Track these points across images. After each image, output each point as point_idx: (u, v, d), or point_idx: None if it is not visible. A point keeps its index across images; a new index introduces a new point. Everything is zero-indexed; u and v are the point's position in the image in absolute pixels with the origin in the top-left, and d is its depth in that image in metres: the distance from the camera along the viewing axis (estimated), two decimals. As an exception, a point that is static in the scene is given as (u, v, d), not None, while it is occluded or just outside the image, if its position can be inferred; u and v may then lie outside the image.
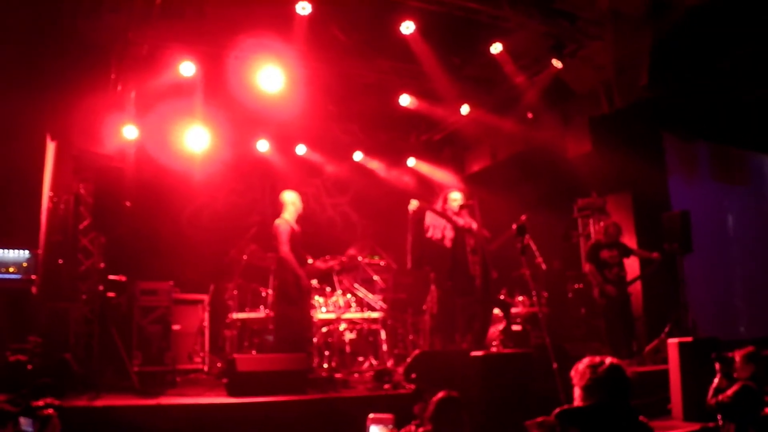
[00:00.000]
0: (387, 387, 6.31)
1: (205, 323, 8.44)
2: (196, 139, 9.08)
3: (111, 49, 7.90)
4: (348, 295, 8.57)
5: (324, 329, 8.09)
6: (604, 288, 8.05)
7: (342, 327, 8.23)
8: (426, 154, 11.99)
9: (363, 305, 8.69)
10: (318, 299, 8.24)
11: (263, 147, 10.74)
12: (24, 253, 7.20)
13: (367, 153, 11.71)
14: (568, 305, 9.33)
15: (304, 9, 7.57)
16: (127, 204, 6.93)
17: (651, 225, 8.73)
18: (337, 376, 7.00)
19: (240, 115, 9.78)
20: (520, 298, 8.74)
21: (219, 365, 8.00)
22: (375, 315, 8.63)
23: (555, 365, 5.31)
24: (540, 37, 8.46)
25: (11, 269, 7.13)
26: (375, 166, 11.85)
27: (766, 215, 11.77)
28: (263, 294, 8.55)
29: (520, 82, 9.35)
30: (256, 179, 11.27)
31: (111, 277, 7.16)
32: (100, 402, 5.33)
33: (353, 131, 11.63)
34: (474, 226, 7.22)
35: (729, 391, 4.67)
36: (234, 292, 8.57)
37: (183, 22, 8.02)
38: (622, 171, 8.93)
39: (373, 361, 8.34)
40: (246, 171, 10.99)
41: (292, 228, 7.34)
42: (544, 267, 8.14)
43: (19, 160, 7.60)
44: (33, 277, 7.15)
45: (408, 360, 6.77)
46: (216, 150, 9.52)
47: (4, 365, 5.62)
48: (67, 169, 7.64)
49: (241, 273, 8.71)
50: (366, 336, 8.62)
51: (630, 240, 8.68)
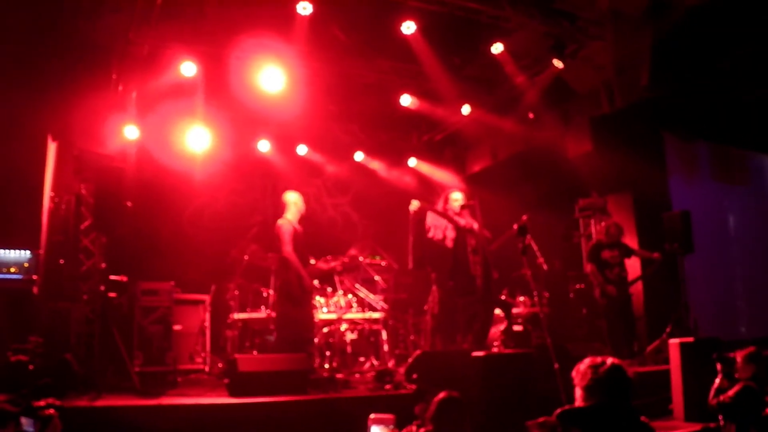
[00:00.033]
0: (388, 387, 6.31)
1: (206, 323, 8.45)
2: (197, 139, 9.10)
3: (112, 50, 7.92)
4: (349, 296, 8.57)
5: (325, 329, 8.09)
6: (605, 288, 8.05)
7: (343, 327, 8.24)
8: (427, 154, 12.00)
9: (364, 305, 8.70)
10: (319, 299, 8.24)
11: (264, 147, 10.75)
12: (25, 254, 7.22)
13: (368, 153, 11.71)
14: (569, 305, 9.32)
15: (304, 9, 7.58)
16: (128, 204, 6.93)
17: (652, 225, 8.72)
18: (339, 376, 7.00)
19: (241, 115, 9.80)
20: (521, 298, 8.74)
21: (220, 365, 8.01)
22: (376, 315, 8.63)
23: (556, 365, 5.31)
24: (541, 37, 8.46)
25: (12, 269, 7.15)
26: (376, 166, 11.86)
27: (766, 215, 11.75)
28: (264, 294, 8.56)
29: (520, 82, 9.35)
30: (257, 179, 11.27)
31: (112, 278, 7.15)
32: (101, 402, 5.34)
33: (354, 131, 11.63)
34: (475, 226, 7.21)
35: (730, 392, 4.67)
36: (235, 292, 8.57)
37: (184, 22, 8.04)
38: (622, 171, 8.92)
39: (375, 362, 8.34)
40: (247, 171, 11.00)
41: (294, 228, 7.35)
42: (545, 267, 8.13)
43: (20, 160, 7.62)
44: (34, 277, 7.17)
45: (409, 360, 6.76)
46: (217, 150, 9.53)
47: (5, 365, 5.62)
48: (68, 170, 7.64)
49: (242, 273, 8.72)
50: (367, 336, 8.62)
51: (631, 240, 8.68)
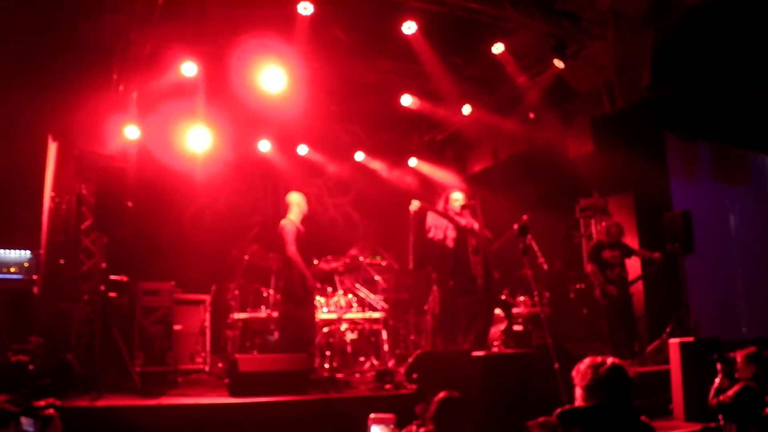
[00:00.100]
0: (388, 387, 6.31)
1: (207, 323, 8.45)
2: (197, 140, 9.11)
3: (113, 50, 7.92)
4: (349, 296, 8.58)
5: (325, 329, 8.09)
6: (605, 288, 8.05)
7: (343, 327, 8.24)
8: (428, 154, 11.99)
9: (364, 305, 8.70)
10: (319, 299, 8.24)
11: (265, 147, 10.76)
12: (25, 253, 7.22)
13: (369, 153, 11.71)
14: (569, 305, 9.31)
15: (305, 9, 7.58)
16: (129, 204, 6.93)
17: (652, 225, 8.71)
18: (339, 376, 7.00)
19: (242, 116, 9.80)
20: (521, 298, 8.73)
21: (220, 365, 8.01)
22: (376, 315, 8.63)
23: (556, 365, 5.32)
24: (541, 38, 8.45)
25: (13, 269, 7.15)
26: (377, 166, 11.86)
27: (767, 215, 11.75)
28: (265, 294, 8.56)
29: (521, 82, 9.35)
30: (257, 179, 11.28)
31: (113, 278, 7.14)
32: (101, 402, 5.34)
33: (355, 131, 11.64)
34: (476, 226, 7.21)
35: (730, 392, 4.67)
36: (236, 292, 8.57)
37: (185, 22, 8.04)
38: (623, 171, 8.91)
39: (375, 362, 8.33)
40: (248, 171, 11.00)
41: (298, 228, 7.36)
42: (545, 267, 8.15)
43: (21, 160, 7.62)
44: (34, 278, 7.16)
45: (409, 360, 6.76)
46: (218, 150, 9.54)
47: (5, 365, 5.63)
48: (69, 170, 7.65)
49: (243, 273, 8.71)
50: (367, 336, 8.62)
51: (632, 240, 8.67)
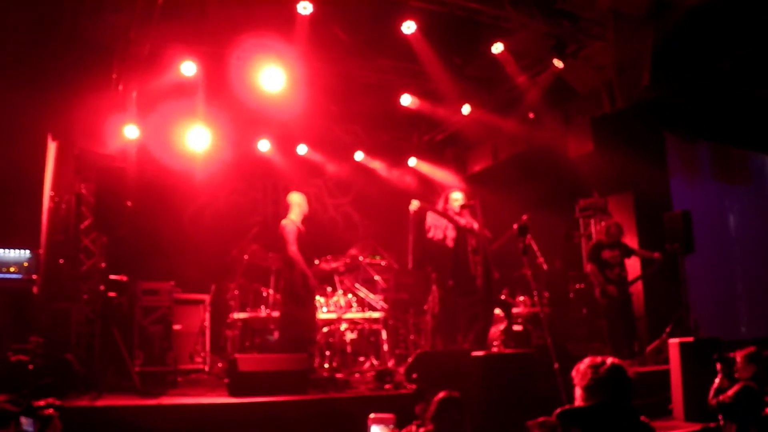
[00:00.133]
0: (388, 387, 6.31)
1: (207, 323, 8.45)
2: (197, 139, 9.11)
3: (113, 49, 7.92)
4: (349, 295, 8.57)
5: (325, 329, 8.08)
6: (605, 288, 8.05)
7: (343, 327, 8.23)
8: (427, 154, 12.00)
9: (364, 305, 8.69)
10: (319, 299, 8.23)
11: (264, 147, 10.76)
12: (25, 253, 7.22)
13: (369, 153, 11.71)
14: (569, 305, 9.31)
15: (305, 9, 7.58)
16: (129, 204, 6.92)
17: (652, 225, 8.70)
18: (339, 376, 7.01)
19: (241, 115, 9.80)
20: (521, 298, 8.72)
21: (220, 365, 8.01)
22: (376, 315, 8.62)
23: (556, 365, 5.31)
24: (541, 37, 8.45)
25: (12, 269, 7.15)
26: (376, 166, 11.86)
27: (767, 215, 11.75)
28: (264, 294, 8.56)
29: (521, 82, 9.36)
30: (257, 179, 11.29)
31: (112, 277, 7.15)
32: (101, 402, 5.34)
33: (355, 131, 11.63)
34: (475, 226, 7.21)
35: (730, 392, 4.67)
36: (235, 292, 8.57)
37: (185, 22, 8.04)
38: (623, 171, 8.91)
39: (375, 361, 8.33)
40: (247, 171, 11.01)
41: (298, 228, 7.36)
42: (545, 267, 8.15)
43: (21, 159, 7.63)
44: (34, 277, 7.16)
45: (409, 360, 6.76)
46: (217, 150, 9.54)
47: (5, 365, 5.62)
48: (69, 169, 7.66)
49: (243, 273, 8.71)
50: (367, 336, 8.61)
51: (631, 240, 8.67)
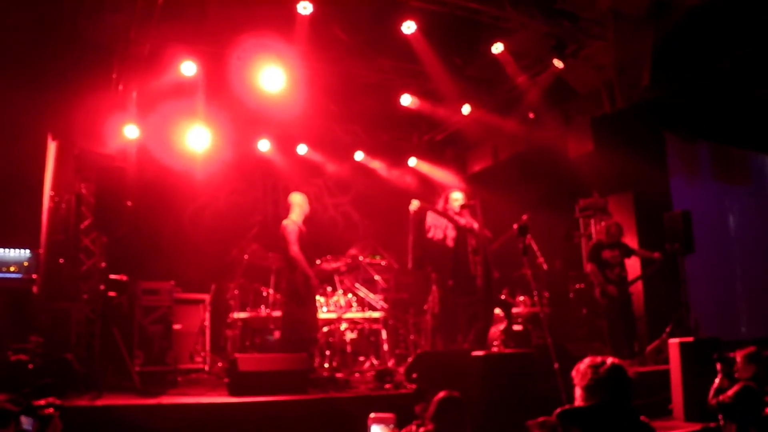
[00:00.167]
0: (388, 387, 6.31)
1: (207, 323, 8.45)
2: (197, 139, 9.11)
3: (113, 49, 7.92)
4: (349, 295, 8.58)
5: (325, 329, 8.09)
6: (605, 288, 8.05)
7: (343, 327, 8.23)
8: (427, 154, 12.00)
9: (364, 305, 8.70)
10: (319, 299, 8.23)
11: (264, 147, 10.76)
12: (25, 253, 7.21)
13: (369, 153, 11.72)
14: (569, 305, 9.31)
15: (305, 9, 7.58)
16: (129, 203, 6.93)
17: (652, 225, 8.70)
18: (339, 375, 7.01)
19: (241, 115, 9.80)
20: (521, 298, 8.72)
21: (220, 365, 8.01)
22: (376, 315, 8.63)
23: (556, 365, 5.31)
24: (541, 37, 8.45)
25: (12, 268, 7.14)
26: (376, 166, 11.86)
27: (766, 215, 11.75)
28: (264, 294, 8.56)
29: (521, 82, 9.36)
30: (257, 179, 11.29)
31: (112, 277, 7.14)
32: (101, 402, 5.34)
33: (354, 131, 11.63)
34: (475, 226, 7.21)
35: (730, 392, 4.67)
36: (235, 291, 8.57)
37: (185, 22, 8.04)
38: (623, 171, 8.91)
39: (374, 361, 8.33)
40: (247, 171, 11.01)
41: (300, 228, 7.35)
42: (545, 267, 8.15)
43: (21, 159, 7.62)
44: (34, 277, 7.15)
45: (409, 360, 6.76)
46: (217, 150, 9.54)
47: (5, 365, 5.62)
48: (69, 169, 7.66)
49: (243, 273, 8.71)
50: (367, 336, 8.62)
51: (631, 240, 8.67)
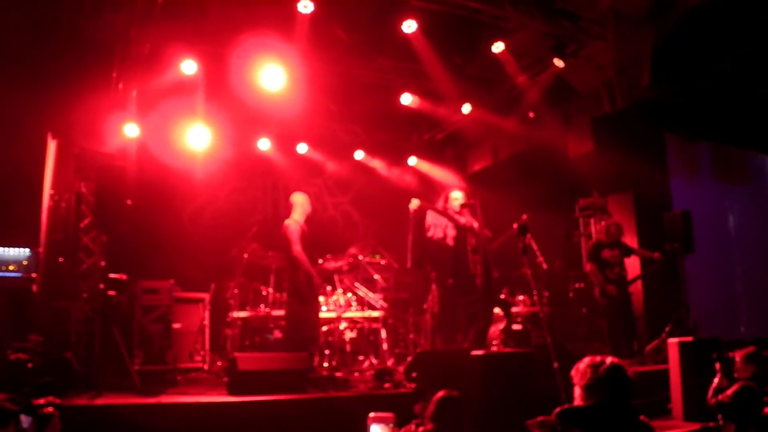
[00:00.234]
0: (388, 386, 6.31)
1: (206, 322, 8.45)
2: (197, 138, 9.11)
3: (113, 48, 7.91)
4: (349, 294, 8.58)
5: (325, 328, 8.09)
6: (605, 287, 8.04)
7: (343, 326, 8.25)
8: (427, 153, 12.00)
9: (364, 304, 8.70)
10: (319, 298, 8.24)
11: (265, 146, 10.75)
12: (25, 252, 7.21)
13: (369, 152, 11.72)
14: (569, 305, 9.31)
15: (305, 8, 7.58)
16: (129, 202, 6.93)
17: (652, 225, 8.70)
18: (338, 375, 7.02)
19: (241, 114, 9.80)
20: (521, 297, 8.72)
21: (220, 364, 8.01)
22: (376, 314, 8.63)
23: (556, 365, 5.32)
24: (542, 37, 8.45)
25: (12, 267, 7.14)
26: (376, 165, 11.86)
27: (766, 215, 11.75)
28: (264, 293, 8.56)
29: (521, 81, 9.37)
30: (257, 178, 11.29)
31: (112, 276, 7.14)
32: (100, 401, 5.35)
33: (354, 130, 11.63)
34: (475, 225, 7.21)
35: (729, 391, 4.66)
36: (235, 290, 8.57)
37: (185, 21, 8.04)
38: (623, 171, 8.91)
39: (374, 360, 8.34)
40: (247, 170, 11.01)
41: (302, 228, 7.35)
42: (545, 266, 8.15)
43: (21, 158, 7.62)
44: (34, 276, 7.15)
45: (409, 359, 6.76)
46: (217, 148, 9.54)
47: (5, 364, 5.62)
48: (69, 168, 7.66)
49: (243, 272, 8.70)
50: (367, 335, 8.62)
51: (631, 240, 8.67)
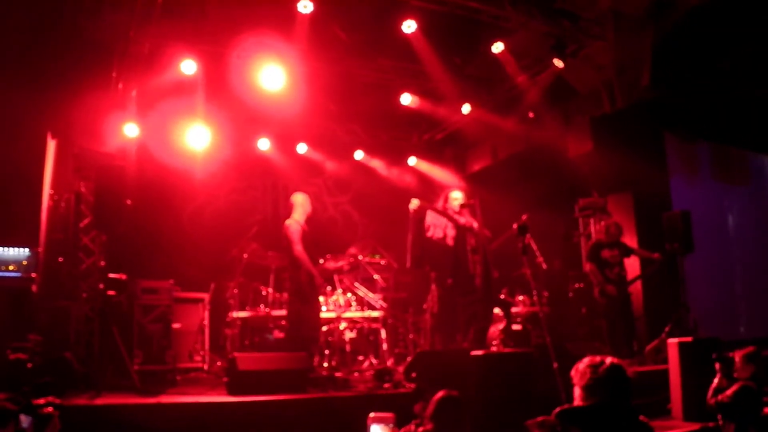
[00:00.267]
0: (387, 386, 6.31)
1: (206, 322, 8.46)
2: (197, 138, 9.11)
3: (113, 48, 7.91)
4: (348, 294, 8.58)
5: (324, 328, 8.09)
6: (604, 287, 8.04)
7: (342, 326, 8.24)
8: (427, 153, 12.01)
9: (363, 304, 8.69)
10: (319, 298, 8.24)
11: (264, 146, 10.76)
12: (24, 251, 7.21)
13: (368, 152, 11.72)
14: (568, 305, 9.31)
15: (305, 8, 7.58)
16: (128, 202, 6.93)
17: (652, 225, 8.70)
18: (338, 375, 7.02)
19: (241, 114, 9.80)
20: (520, 297, 8.73)
21: (219, 364, 8.01)
22: (375, 314, 8.63)
23: (555, 365, 5.31)
24: (541, 37, 8.46)
25: (11, 267, 7.14)
26: (376, 165, 11.86)
27: (766, 215, 11.75)
28: (264, 293, 8.56)
29: (521, 81, 9.37)
30: (257, 178, 11.29)
31: (112, 276, 7.15)
32: (100, 401, 5.35)
33: (354, 130, 11.63)
34: (475, 225, 7.21)
35: (729, 391, 4.66)
36: (235, 290, 8.57)
37: (185, 20, 8.04)
38: (623, 171, 8.90)
39: (374, 360, 8.34)
40: (247, 169, 11.01)
41: (303, 228, 7.35)
42: (544, 266, 8.14)
43: (20, 157, 7.61)
44: (33, 276, 7.15)
45: (408, 359, 6.75)
46: (217, 148, 9.54)
47: (4, 363, 5.62)
48: (68, 167, 7.66)
49: (242, 272, 8.70)
50: (366, 335, 8.62)
51: (631, 240, 8.66)
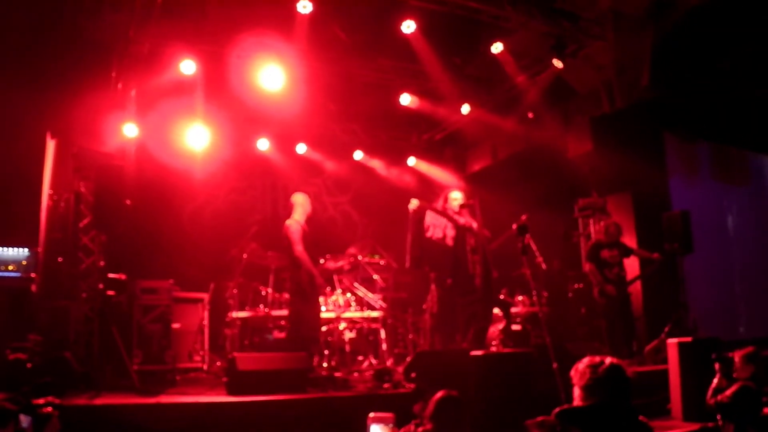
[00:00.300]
0: (387, 386, 6.31)
1: (205, 322, 8.46)
2: (196, 138, 9.11)
3: (112, 48, 7.92)
4: (348, 294, 8.58)
5: (324, 328, 8.09)
6: (604, 287, 8.05)
7: (342, 326, 8.24)
8: (427, 153, 12.01)
9: (363, 304, 8.69)
10: (320, 298, 8.23)
11: (264, 146, 10.76)
12: (24, 251, 7.21)
13: (368, 152, 11.72)
14: (568, 305, 9.31)
15: (305, 8, 7.58)
16: (128, 202, 6.93)
17: (651, 225, 8.69)
18: (337, 375, 7.02)
19: (241, 114, 9.81)
20: (520, 297, 8.73)
21: (219, 364, 8.01)
22: (375, 314, 8.63)
23: (555, 365, 5.31)
24: (541, 37, 8.46)
25: (11, 267, 7.14)
26: (376, 165, 11.86)
27: (766, 215, 11.75)
28: (263, 293, 8.56)
29: (521, 81, 9.37)
30: (256, 178, 11.29)
31: (111, 276, 7.15)
32: (100, 400, 5.34)
33: (354, 130, 11.64)
34: (474, 225, 7.21)
35: (728, 391, 4.66)
36: (234, 290, 8.57)
37: (184, 21, 8.04)
38: (622, 171, 8.90)
39: (373, 361, 8.34)
40: (247, 169, 11.01)
41: (303, 228, 7.35)
42: (544, 266, 8.14)
43: (20, 157, 7.61)
44: (33, 276, 7.16)
45: (408, 359, 6.75)
46: (217, 148, 9.54)
47: (4, 363, 5.62)
48: (68, 167, 7.66)
49: (242, 272, 8.70)
50: (366, 335, 8.62)
51: (630, 240, 8.66)
